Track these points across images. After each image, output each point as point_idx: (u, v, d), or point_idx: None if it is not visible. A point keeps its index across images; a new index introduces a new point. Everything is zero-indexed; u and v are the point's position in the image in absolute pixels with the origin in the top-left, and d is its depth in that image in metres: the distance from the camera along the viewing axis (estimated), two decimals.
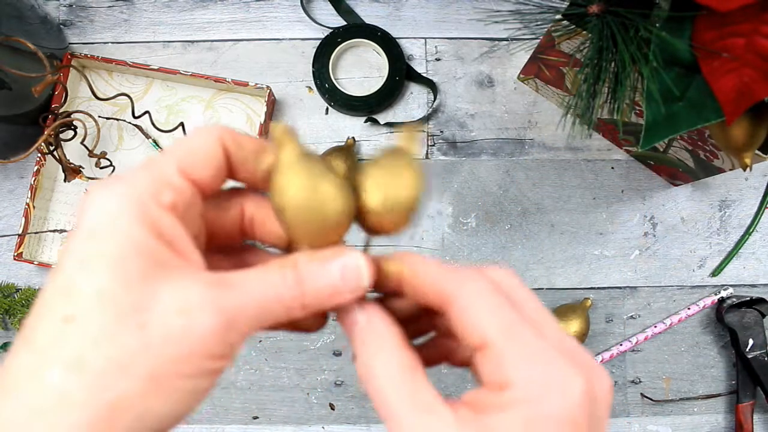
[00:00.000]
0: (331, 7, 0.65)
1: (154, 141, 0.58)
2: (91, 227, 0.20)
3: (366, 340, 0.22)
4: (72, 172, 0.59)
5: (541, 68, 0.58)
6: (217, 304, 0.20)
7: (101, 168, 0.59)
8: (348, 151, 0.60)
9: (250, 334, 0.21)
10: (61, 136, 0.58)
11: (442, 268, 0.23)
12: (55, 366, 0.18)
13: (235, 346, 0.20)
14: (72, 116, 0.58)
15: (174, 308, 0.19)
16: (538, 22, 0.44)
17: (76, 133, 0.58)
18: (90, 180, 0.60)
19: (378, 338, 0.22)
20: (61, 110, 0.59)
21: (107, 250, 0.19)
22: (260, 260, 0.25)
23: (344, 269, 0.22)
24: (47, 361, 0.18)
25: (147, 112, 0.59)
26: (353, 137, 0.62)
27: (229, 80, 0.60)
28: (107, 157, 0.60)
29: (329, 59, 0.63)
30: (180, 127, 0.60)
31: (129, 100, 0.59)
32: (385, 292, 0.25)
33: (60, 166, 0.62)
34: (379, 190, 0.23)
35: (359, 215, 0.24)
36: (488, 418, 0.20)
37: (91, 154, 0.59)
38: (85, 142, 0.59)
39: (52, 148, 0.58)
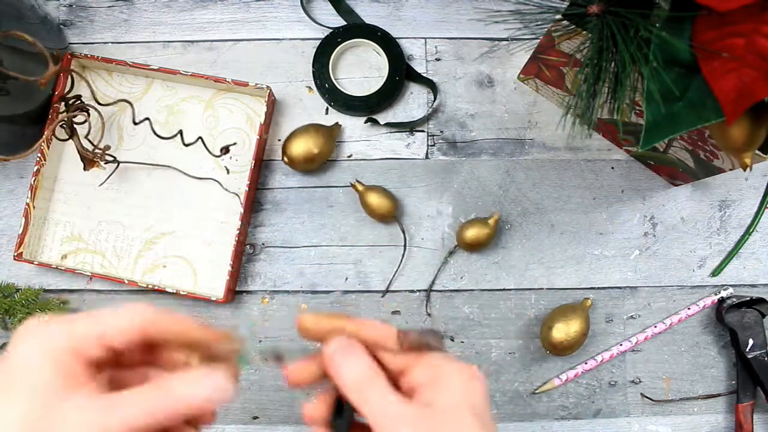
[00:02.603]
0: (331, 7, 0.65)
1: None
2: (19, 365, 0.27)
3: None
4: (90, 161, 0.59)
5: (541, 68, 0.58)
6: (107, 425, 0.27)
7: (106, 163, 0.60)
8: (331, 133, 0.61)
9: None
10: (75, 120, 0.58)
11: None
12: None
13: None
14: (82, 99, 0.58)
15: (74, 428, 0.26)
16: (538, 22, 0.44)
17: (89, 114, 0.58)
18: (107, 164, 0.60)
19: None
20: (71, 94, 0.59)
21: (26, 384, 0.27)
22: (155, 376, 0.33)
23: (215, 385, 0.29)
24: None
25: (147, 118, 0.59)
26: (338, 123, 0.62)
27: (229, 80, 0.60)
28: (111, 152, 0.60)
29: (329, 59, 0.63)
30: (179, 135, 0.60)
31: (129, 105, 0.59)
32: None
33: (63, 161, 0.62)
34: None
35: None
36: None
37: (95, 148, 0.59)
38: (89, 137, 0.59)
39: (66, 137, 0.58)
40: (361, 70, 0.65)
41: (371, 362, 0.31)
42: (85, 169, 0.59)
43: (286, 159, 0.60)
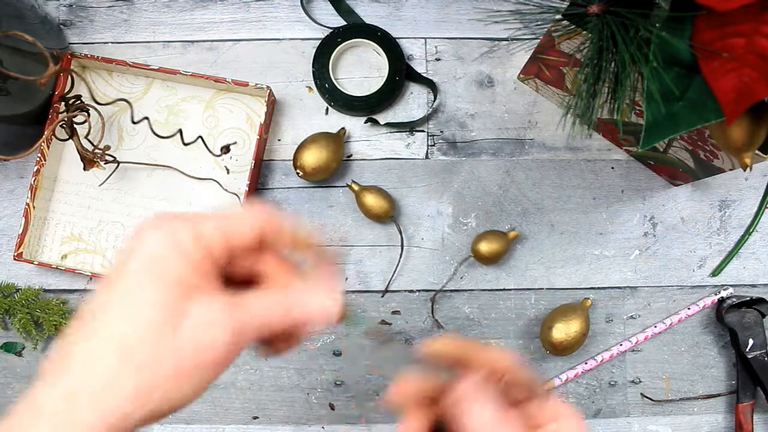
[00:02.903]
0: (331, 7, 0.65)
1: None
2: (152, 256, 0.27)
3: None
4: (90, 161, 0.59)
5: (541, 68, 0.58)
6: (232, 323, 0.27)
7: (106, 163, 0.59)
8: (338, 139, 0.61)
9: (249, 344, 0.28)
10: (75, 120, 0.58)
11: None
12: (111, 354, 0.25)
13: (239, 352, 0.28)
14: (82, 99, 0.58)
15: (201, 322, 0.26)
16: (538, 22, 0.44)
17: (89, 114, 0.58)
18: (107, 164, 0.60)
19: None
20: (71, 94, 0.59)
21: (162, 275, 0.26)
22: (263, 279, 0.32)
23: (322, 308, 0.30)
24: (105, 350, 0.25)
25: (146, 118, 0.59)
26: (344, 128, 0.62)
27: (229, 80, 0.60)
28: (111, 153, 0.60)
29: (329, 59, 0.63)
30: (178, 134, 0.60)
31: (128, 105, 0.59)
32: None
33: (63, 161, 0.62)
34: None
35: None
36: None
37: (95, 148, 0.59)
38: (89, 137, 0.59)
39: (66, 137, 0.58)
40: (361, 70, 0.65)
41: (501, 407, 0.30)
42: (85, 169, 0.59)
43: (301, 173, 0.60)
